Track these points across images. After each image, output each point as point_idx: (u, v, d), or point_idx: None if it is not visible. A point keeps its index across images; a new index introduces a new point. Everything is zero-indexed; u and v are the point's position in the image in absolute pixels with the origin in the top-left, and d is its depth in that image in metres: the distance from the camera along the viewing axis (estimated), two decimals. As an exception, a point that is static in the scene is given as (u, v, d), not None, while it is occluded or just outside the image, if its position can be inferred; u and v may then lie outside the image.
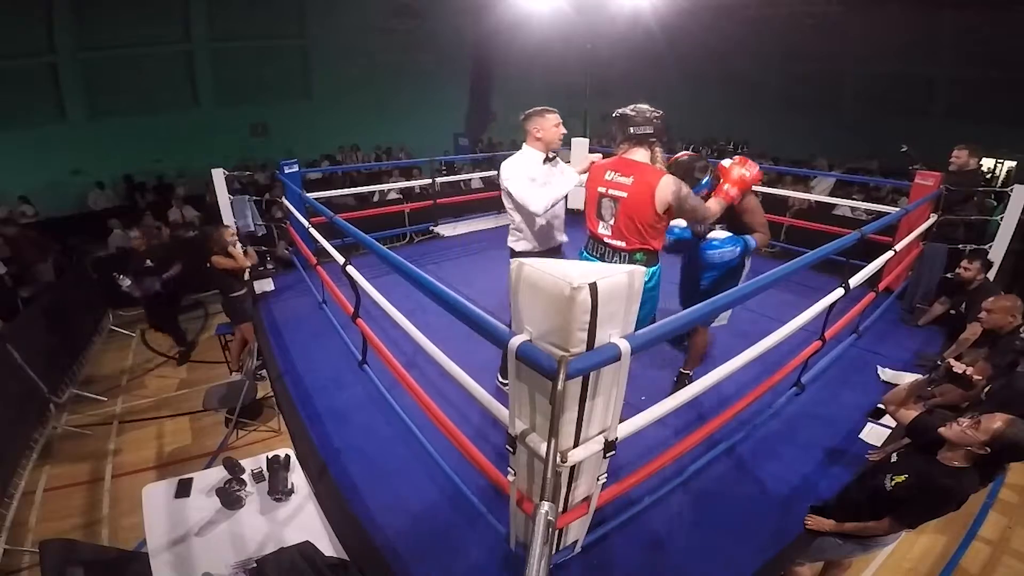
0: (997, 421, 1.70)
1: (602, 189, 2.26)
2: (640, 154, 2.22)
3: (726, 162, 2.53)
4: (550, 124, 2.58)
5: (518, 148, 2.70)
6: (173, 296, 5.59)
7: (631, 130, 2.20)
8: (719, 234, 2.66)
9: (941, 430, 1.82)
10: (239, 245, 4.36)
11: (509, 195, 2.61)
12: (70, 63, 9.39)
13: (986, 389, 2.51)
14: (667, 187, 2.10)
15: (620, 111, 2.25)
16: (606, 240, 2.30)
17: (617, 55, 11.68)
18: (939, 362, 2.38)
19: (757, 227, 2.69)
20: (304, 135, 11.47)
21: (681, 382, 2.88)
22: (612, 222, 2.25)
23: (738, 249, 2.63)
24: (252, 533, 2.19)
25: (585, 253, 2.45)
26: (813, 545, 2.10)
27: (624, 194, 2.18)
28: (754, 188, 2.68)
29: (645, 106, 2.24)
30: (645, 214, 2.15)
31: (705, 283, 2.76)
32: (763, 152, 10.16)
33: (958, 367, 1.96)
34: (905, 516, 1.85)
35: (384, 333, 3.29)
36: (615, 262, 2.26)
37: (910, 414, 2.04)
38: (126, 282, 5.06)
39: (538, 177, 2.57)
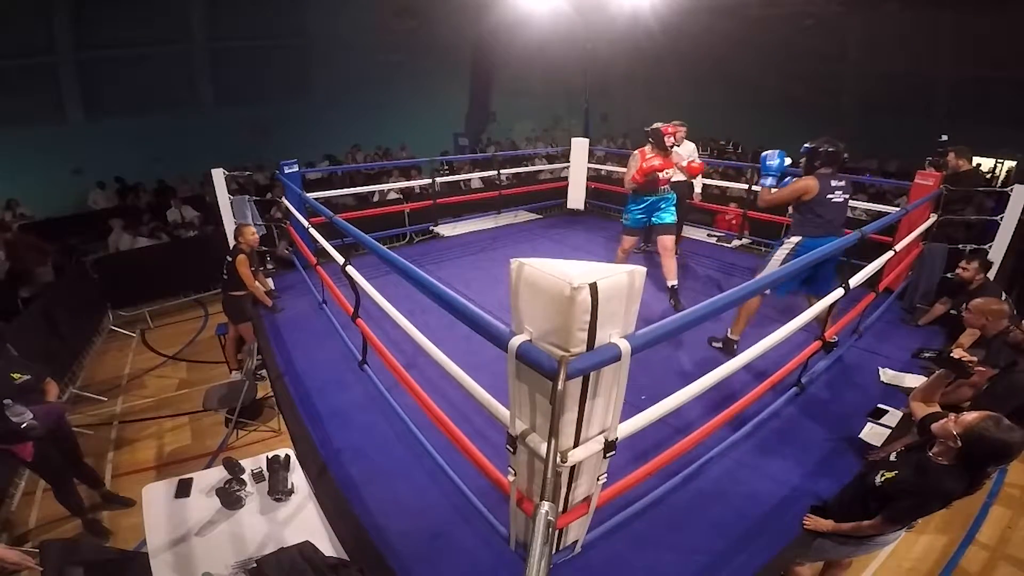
0: (973, 415, 1.70)
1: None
2: (650, 146, 4.10)
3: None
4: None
5: (516, 148, 2.88)
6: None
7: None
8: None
9: (931, 425, 1.82)
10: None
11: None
12: (69, 63, 9.38)
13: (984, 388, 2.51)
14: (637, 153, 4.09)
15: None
16: None
17: (617, 55, 11.68)
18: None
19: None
20: (304, 135, 11.46)
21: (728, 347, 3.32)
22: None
23: (778, 163, 3.49)
24: (252, 533, 2.20)
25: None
26: (813, 545, 2.10)
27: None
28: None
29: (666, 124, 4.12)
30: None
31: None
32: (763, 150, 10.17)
33: (957, 353, 1.95)
34: (893, 513, 1.85)
35: (384, 333, 3.29)
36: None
37: (924, 410, 2.02)
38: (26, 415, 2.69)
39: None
